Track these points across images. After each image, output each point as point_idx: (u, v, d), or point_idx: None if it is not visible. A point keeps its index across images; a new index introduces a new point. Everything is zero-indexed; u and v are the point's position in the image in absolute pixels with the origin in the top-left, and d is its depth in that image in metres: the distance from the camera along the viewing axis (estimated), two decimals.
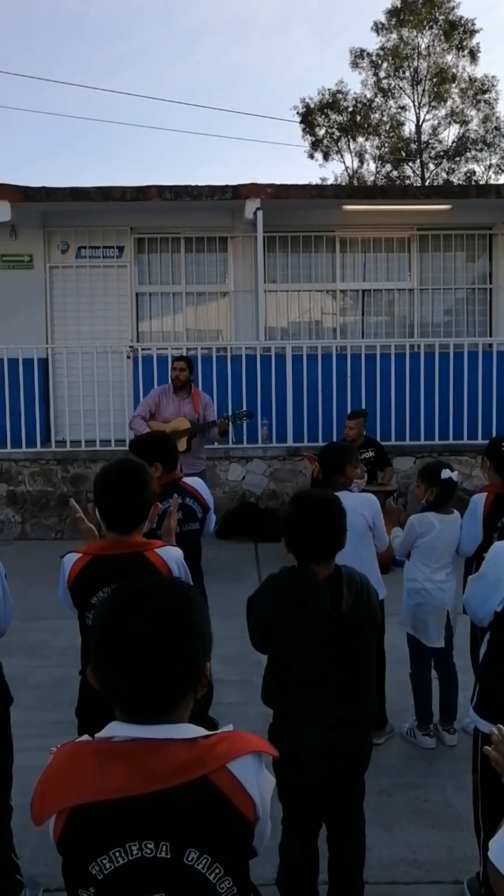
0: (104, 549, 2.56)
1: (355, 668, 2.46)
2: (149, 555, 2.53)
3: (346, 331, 10.66)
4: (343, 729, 2.42)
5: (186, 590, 1.47)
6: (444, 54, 28.59)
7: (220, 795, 1.32)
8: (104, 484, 2.57)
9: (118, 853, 1.29)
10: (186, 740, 1.34)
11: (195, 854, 1.30)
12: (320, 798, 2.50)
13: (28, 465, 8.98)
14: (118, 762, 1.31)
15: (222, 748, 1.36)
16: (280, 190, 9.24)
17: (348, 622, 2.42)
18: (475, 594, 2.75)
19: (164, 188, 9.23)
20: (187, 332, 10.49)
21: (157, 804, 1.29)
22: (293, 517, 2.59)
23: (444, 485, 3.97)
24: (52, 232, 10.24)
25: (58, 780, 1.34)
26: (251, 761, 1.38)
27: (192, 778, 1.30)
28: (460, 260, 10.61)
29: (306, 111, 29.85)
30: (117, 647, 1.34)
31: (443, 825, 3.27)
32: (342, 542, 2.57)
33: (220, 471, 9.00)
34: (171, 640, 1.34)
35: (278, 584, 2.53)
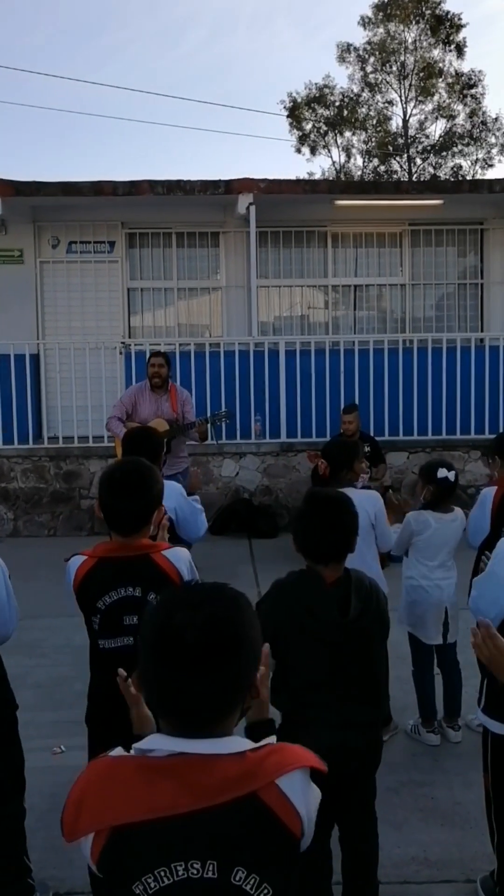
0: (110, 551, 2.51)
1: (366, 671, 2.45)
2: (155, 557, 2.50)
3: (339, 326, 10.65)
4: (353, 729, 2.41)
5: (238, 598, 1.41)
6: (431, 49, 28.62)
7: (268, 812, 1.28)
8: (108, 484, 2.52)
9: (163, 873, 1.24)
10: (235, 754, 1.30)
11: (243, 874, 1.26)
12: (332, 798, 2.48)
13: (20, 461, 8.92)
14: (165, 779, 1.27)
15: (271, 762, 1.31)
16: (273, 185, 9.20)
17: (356, 628, 2.41)
18: (484, 594, 2.72)
19: (157, 183, 9.18)
20: (179, 328, 10.44)
21: (205, 822, 1.25)
22: (306, 516, 2.57)
23: (439, 483, 3.97)
24: (42, 227, 10.16)
25: (98, 796, 1.29)
26: (299, 776, 1.34)
27: (240, 794, 1.26)
28: (452, 255, 10.62)
29: (293, 105, 29.80)
30: (167, 658, 1.29)
31: (452, 823, 3.27)
32: (353, 544, 2.55)
33: (213, 466, 8.97)
34: (223, 652, 1.30)
35: (286, 590, 2.51)
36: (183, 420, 6.91)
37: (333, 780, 2.42)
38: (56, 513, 8.85)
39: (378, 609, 2.48)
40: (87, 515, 8.78)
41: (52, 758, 3.89)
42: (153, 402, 6.94)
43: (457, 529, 4.03)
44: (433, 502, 4.04)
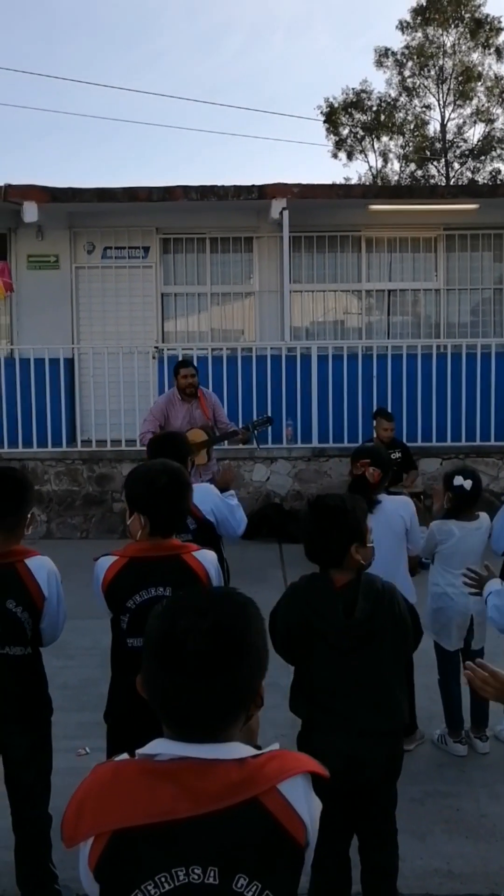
0: (142, 551, 2.53)
1: (380, 677, 2.41)
2: (186, 558, 2.52)
3: (372, 331, 10.59)
4: (369, 738, 2.38)
5: (246, 605, 1.40)
6: (470, 52, 28.35)
7: (270, 818, 1.26)
8: (152, 488, 2.52)
9: (164, 878, 1.23)
10: (236, 760, 1.28)
11: (245, 881, 1.23)
12: (349, 808, 2.46)
13: (54, 464, 9.01)
14: (166, 783, 1.25)
15: (272, 768, 1.30)
16: (306, 189, 9.19)
17: (365, 631, 2.38)
18: None
19: (190, 188, 9.22)
20: (212, 333, 10.48)
21: (206, 827, 1.24)
22: (306, 521, 2.57)
23: (456, 491, 3.93)
24: (78, 232, 10.27)
25: (98, 800, 1.28)
26: (301, 782, 1.33)
27: (241, 799, 1.25)
28: (487, 260, 10.50)
29: (330, 111, 29.73)
30: (171, 663, 1.29)
31: (477, 836, 3.22)
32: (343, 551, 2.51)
33: (244, 471, 8.97)
34: (227, 659, 1.29)
35: (297, 593, 2.51)
36: (216, 424, 6.88)
37: (349, 790, 2.42)
38: (89, 515, 8.92)
39: (392, 611, 2.44)
40: (119, 518, 8.83)
41: (77, 759, 3.90)
42: (185, 411, 6.81)
43: (482, 537, 3.98)
44: (454, 510, 4.00)
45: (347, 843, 2.55)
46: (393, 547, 3.93)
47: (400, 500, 4.02)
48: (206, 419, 6.82)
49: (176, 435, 3.92)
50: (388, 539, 3.85)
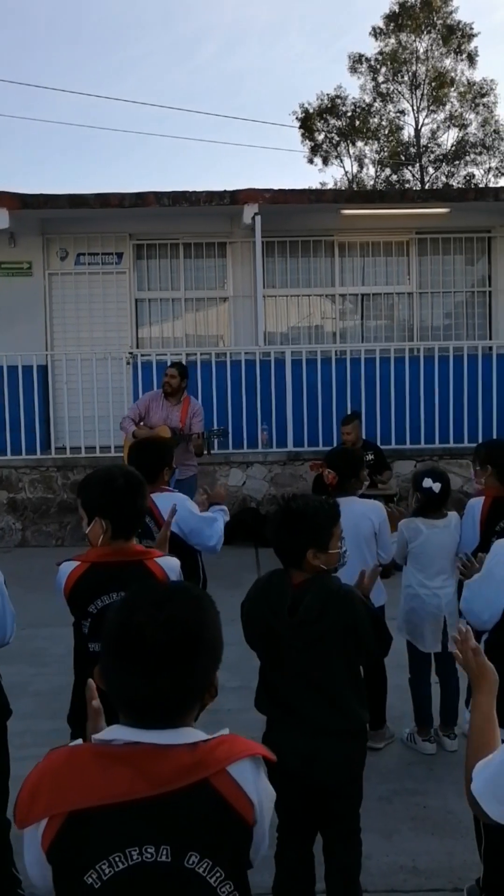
0: (104, 556, 2.53)
1: (331, 679, 2.42)
2: (149, 563, 2.53)
3: (346, 335, 10.66)
4: (326, 738, 2.40)
5: (201, 598, 1.46)
6: (443, 58, 28.62)
7: (220, 798, 1.32)
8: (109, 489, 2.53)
9: (118, 858, 1.28)
10: (188, 745, 1.34)
11: (196, 858, 1.30)
12: (311, 807, 2.48)
13: (28, 472, 8.97)
14: (121, 766, 1.31)
15: (222, 751, 1.36)
16: (278, 195, 9.25)
17: (313, 631, 2.38)
18: (479, 595, 2.71)
19: (162, 194, 9.25)
20: (187, 338, 10.49)
21: (158, 808, 1.29)
22: (272, 519, 2.60)
23: (424, 493, 3.98)
24: (50, 239, 10.26)
25: (53, 782, 1.32)
26: (249, 764, 1.39)
27: (193, 781, 1.31)
28: (459, 263, 10.61)
29: (305, 116, 29.89)
30: (128, 654, 1.34)
31: (443, 832, 3.25)
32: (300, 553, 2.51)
33: (220, 476, 8.98)
34: (183, 650, 1.34)
35: (258, 588, 2.54)
36: (187, 431, 6.99)
37: (308, 788, 2.44)
38: (64, 523, 8.90)
39: (345, 613, 2.42)
40: None
41: None
42: (164, 410, 7.12)
43: (451, 535, 4.01)
44: (422, 510, 4.04)
45: (311, 841, 2.57)
46: (362, 549, 3.96)
47: (370, 503, 4.06)
48: (181, 423, 6.94)
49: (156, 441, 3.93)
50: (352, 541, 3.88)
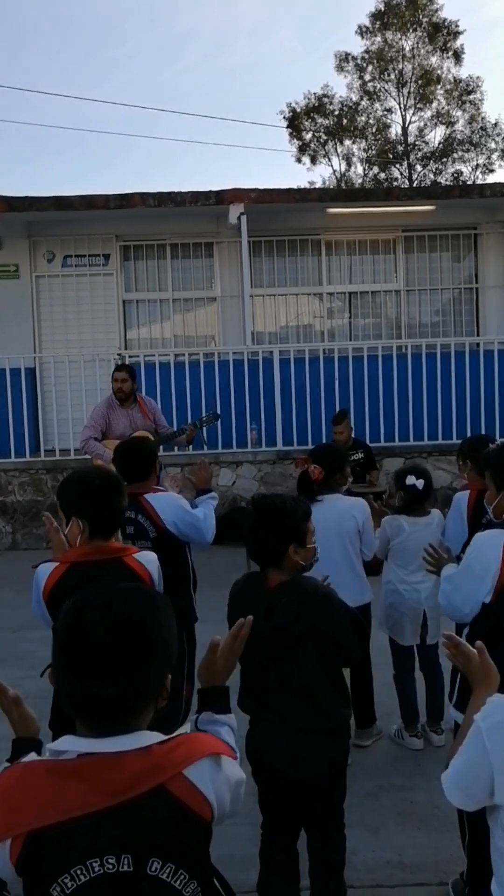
0: (83, 556, 2.53)
1: (310, 679, 2.41)
2: (128, 560, 2.54)
3: (335, 333, 10.68)
4: (308, 736, 2.39)
5: (154, 599, 1.45)
6: (429, 56, 28.68)
7: (177, 802, 1.32)
8: (86, 489, 2.54)
9: (80, 871, 1.28)
10: (141, 749, 1.33)
11: (158, 864, 1.30)
12: (295, 804, 2.49)
13: (17, 474, 8.96)
14: (74, 780, 1.30)
15: (179, 754, 1.36)
16: (263, 194, 9.26)
17: (292, 633, 2.38)
18: (459, 589, 2.71)
19: (148, 195, 9.26)
20: (175, 339, 10.50)
21: (116, 818, 1.29)
22: (247, 519, 2.59)
23: (408, 490, 4.00)
24: (37, 241, 10.25)
25: (8, 804, 1.32)
26: (207, 764, 1.39)
27: (148, 788, 1.30)
28: (446, 260, 10.64)
29: (293, 115, 29.90)
30: (78, 656, 1.33)
31: (430, 826, 3.26)
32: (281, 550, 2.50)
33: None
34: (133, 652, 1.33)
35: (235, 590, 2.53)
36: (157, 429, 6.81)
37: (292, 785, 2.44)
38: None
39: (322, 614, 2.42)
40: None
41: None
42: (126, 416, 6.73)
43: (433, 532, 4.02)
44: (405, 507, 4.06)
45: (294, 838, 2.58)
46: (346, 546, 3.98)
47: (355, 500, 4.07)
48: (148, 423, 6.76)
49: (141, 441, 3.92)
50: (336, 537, 3.90)
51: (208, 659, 1.76)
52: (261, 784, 2.50)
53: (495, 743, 1.58)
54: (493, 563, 2.49)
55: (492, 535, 2.58)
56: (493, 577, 2.49)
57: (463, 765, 1.66)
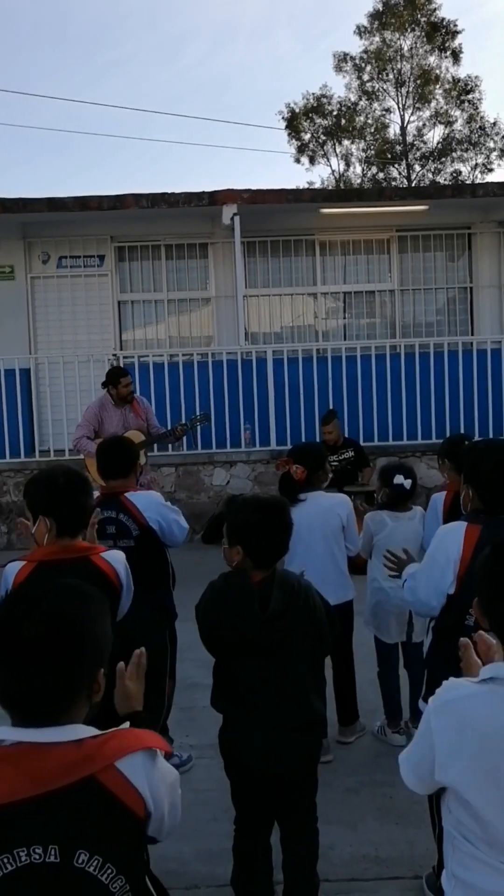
0: (50, 554, 2.55)
1: (295, 673, 2.45)
2: (95, 559, 2.56)
3: (329, 333, 10.70)
4: (284, 731, 2.42)
5: (85, 595, 1.47)
6: (427, 56, 28.70)
7: (108, 794, 1.33)
8: (52, 488, 2.58)
9: (6, 860, 1.28)
10: (73, 742, 1.35)
11: (85, 856, 1.30)
12: (268, 799, 2.52)
13: (13, 475, 9.00)
14: (6, 766, 1.32)
15: (111, 746, 1.37)
16: (256, 195, 9.29)
17: (281, 627, 2.41)
18: (426, 582, 2.72)
19: (141, 196, 9.29)
20: (170, 339, 10.53)
21: (44, 807, 1.30)
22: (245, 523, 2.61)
23: (394, 489, 4.02)
24: (32, 242, 10.28)
25: None
26: (141, 758, 1.39)
27: (78, 778, 1.31)
28: (440, 260, 10.66)
29: (291, 116, 29.94)
30: (7, 651, 1.35)
31: (407, 822, 3.29)
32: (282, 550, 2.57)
33: (204, 476, 9.02)
34: (60, 646, 1.35)
35: (215, 591, 2.54)
36: (149, 429, 6.94)
37: (266, 780, 2.47)
38: None
39: (307, 607, 2.48)
40: None
41: None
42: (119, 416, 6.89)
43: (416, 528, 4.05)
44: (389, 504, 4.09)
45: (268, 832, 2.61)
46: (330, 543, 4.01)
47: (338, 497, 4.11)
48: (141, 423, 6.90)
49: (122, 439, 3.94)
50: (320, 535, 3.94)
51: (121, 687, 1.73)
52: (234, 780, 2.53)
53: (438, 721, 1.61)
54: (454, 553, 2.53)
55: (453, 527, 2.61)
56: (454, 566, 2.52)
57: (414, 745, 1.70)
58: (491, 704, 1.57)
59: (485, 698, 1.58)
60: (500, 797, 1.55)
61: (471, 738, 1.56)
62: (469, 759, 1.56)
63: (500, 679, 1.58)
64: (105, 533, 3.58)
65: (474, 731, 1.56)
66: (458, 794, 1.59)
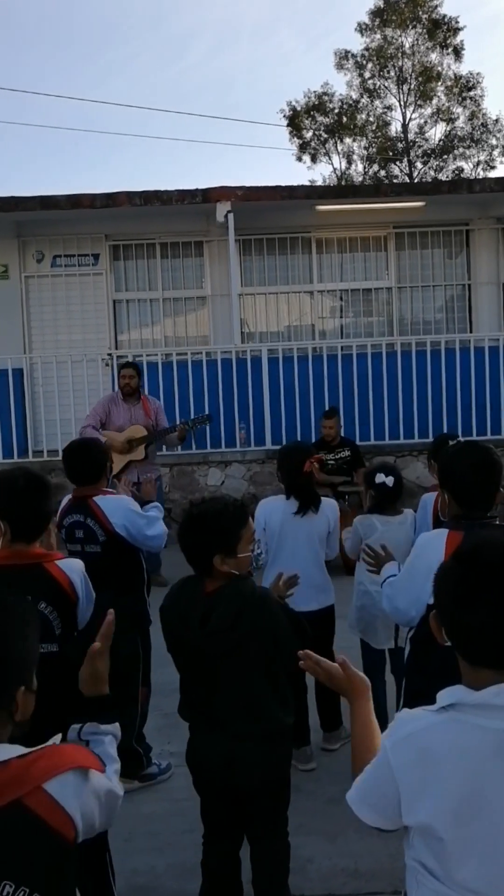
0: (2, 559, 2.46)
1: (247, 684, 2.35)
2: (49, 566, 2.46)
3: (326, 331, 10.60)
4: (245, 741, 2.33)
5: (6, 610, 1.40)
6: (429, 53, 28.51)
7: (35, 819, 1.26)
8: (10, 491, 2.49)
9: None
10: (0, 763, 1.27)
11: (11, 887, 1.23)
12: (234, 811, 2.43)
13: None
14: None
15: (39, 767, 1.29)
16: (250, 192, 9.19)
17: (228, 639, 2.31)
18: (406, 591, 2.63)
19: (134, 194, 9.20)
20: (166, 339, 10.44)
21: None
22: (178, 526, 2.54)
23: (378, 489, 3.93)
24: (26, 241, 10.21)
25: None
26: (71, 778, 1.32)
27: (4, 803, 1.24)
28: (438, 257, 10.55)
29: (293, 114, 29.81)
30: None
31: (388, 834, 3.16)
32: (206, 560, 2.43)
33: (199, 476, 8.94)
34: None
35: (170, 596, 2.46)
36: (160, 427, 6.98)
37: (230, 792, 2.38)
38: None
39: (260, 618, 2.35)
40: None
41: None
42: (127, 411, 7.05)
43: (406, 531, 3.95)
44: (377, 506, 4.00)
45: (236, 847, 2.52)
46: (315, 548, 3.93)
47: (328, 502, 4.03)
48: (148, 420, 6.99)
49: (89, 442, 3.85)
50: (305, 539, 3.86)
51: (90, 668, 1.68)
52: (200, 792, 2.45)
53: (398, 758, 1.48)
54: (434, 561, 2.41)
55: (434, 534, 2.51)
56: None
57: (369, 782, 1.57)
58: (453, 734, 1.43)
59: (446, 728, 1.44)
60: (469, 833, 1.42)
61: (436, 774, 1.43)
62: (437, 796, 1.43)
63: (461, 705, 1.44)
64: (74, 537, 3.51)
65: (438, 765, 1.43)
66: (427, 831, 1.46)
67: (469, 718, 1.42)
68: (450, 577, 1.53)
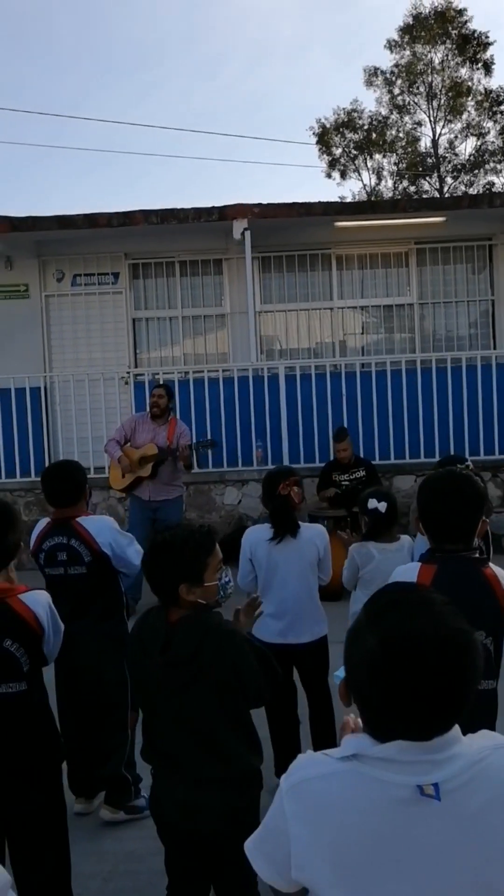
0: None
1: (207, 723, 2.22)
2: (11, 601, 2.37)
3: (346, 348, 10.49)
4: (205, 786, 2.20)
5: None
6: (458, 68, 28.42)
7: None
8: None
9: None
10: None
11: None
12: (197, 861, 2.29)
13: (24, 494, 8.92)
14: None
15: None
16: (267, 209, 9.13)
17: (186, 672, 2.19)
18: None
19: (150, 212, 9.20)
20: (185, 357, 10.40)
21: None
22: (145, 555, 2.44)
23: (371, 514, 3.80)
24: (46, 261, 10.27)
25: None
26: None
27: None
28: (461, 272, 10.39)
29: (322, 131, 29.88)
30: None
31: None
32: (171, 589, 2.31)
33: (215, 495, 8.85)
34: None
35: (136, 625, 2.36)
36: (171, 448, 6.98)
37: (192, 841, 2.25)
38: None
39: (226, 655, 2.22)
40: None
41: None
42: (151, 431, 7.16)
43: (404, 558, 3.81)
44: (373, 533, 3.86)
45: None
46: (306, 575, 3.80)
47: (314, 528, 3.89)
48: (169, 442, 7.03)
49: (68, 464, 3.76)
50: (296, 570, 3.74)
51: None
52: (163, 841, 2.32)
53: (292, 806, 1.31)
54: None
55: (407, 568, 2.39)
56: None
57: (266, 827, 1.39)
58: (351, 786, 1.27)
59: (344, 779, 1.28)
60: None
61: (327, 830, 1.26)
62: (325, 856, 1.26)
63: (364, 756, 1.28)
64: (56, 560, 3.44)
65: (331, 820, 1.26)
66: (315, 894, 1.30)
67: (371, 771, 1.27)
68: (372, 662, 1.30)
